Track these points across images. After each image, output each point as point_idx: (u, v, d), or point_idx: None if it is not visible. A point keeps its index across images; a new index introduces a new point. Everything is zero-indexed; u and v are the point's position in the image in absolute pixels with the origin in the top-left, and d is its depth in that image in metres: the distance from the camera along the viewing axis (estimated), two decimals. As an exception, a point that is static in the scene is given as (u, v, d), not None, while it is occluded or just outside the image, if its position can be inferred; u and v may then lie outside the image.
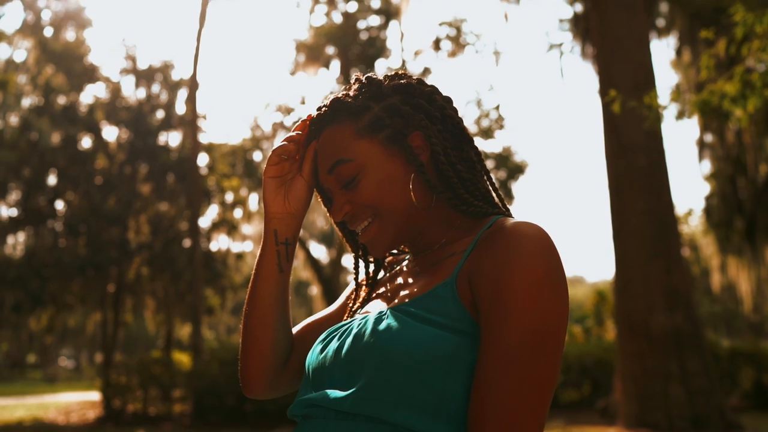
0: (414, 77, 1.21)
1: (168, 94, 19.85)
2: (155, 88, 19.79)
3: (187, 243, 18.17)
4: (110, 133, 19.42)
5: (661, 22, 15.36)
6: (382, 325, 1.04)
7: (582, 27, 13.77)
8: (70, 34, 20.87)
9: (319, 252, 30.50)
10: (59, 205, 18.77)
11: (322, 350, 1.12)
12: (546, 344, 0.94)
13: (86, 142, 19.03)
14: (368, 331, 1.04)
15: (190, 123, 17.77)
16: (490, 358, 0.94)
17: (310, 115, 1.23)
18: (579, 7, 14.49)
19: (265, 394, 1.26)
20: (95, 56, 22.59)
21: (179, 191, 19.03)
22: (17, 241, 19.93)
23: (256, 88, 57.97)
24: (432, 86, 1.21)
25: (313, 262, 19.67)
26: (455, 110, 1.21)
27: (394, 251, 1.33)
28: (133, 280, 18.77)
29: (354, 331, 1.08)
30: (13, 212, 18.25)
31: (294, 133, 1.23)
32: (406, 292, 1.14)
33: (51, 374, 34.75)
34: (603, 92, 9.73)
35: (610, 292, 18.72)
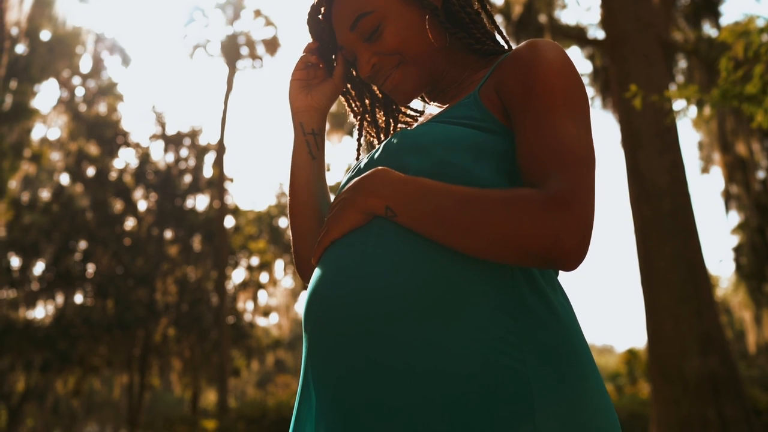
0: None
1: (195, 159, 20.28)
2: (183, 152, 20.24)
3: (213, 302, 18.23)
4: (139, 196, 19.81)
5: (680, 79, 15.52)
6: (409, 131, 1.10)
7: (602, 79, 13.95)
8: (102, 108, 21.57)
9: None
10: (88, 266, 18.99)
11: (352, 178, 1.17)
12: (580, 109, 1.03)
13: (116, 206, 19.41)
14: (396, 139, 1.11)
15: (217, 185, 18.10)
16: (534, 126, 1.00)
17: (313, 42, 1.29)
18: (598, 62, 14.72)
19: None
20: (126, 123, 23.13)
21: (206, 253, 19.20)
22: (47, 310, 20.02)
23: (281, 154, 59.12)
24: None
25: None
26: None
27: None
28: (160, 341, 18.76)
29: (383, 144, 1.14)
30: (45, 275, 18.45)
31: (309, 43, 1.29)
32: (430, 118, 1.21)
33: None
34: (625, 141, 9.77)
35: (642, 353, 18.33)
